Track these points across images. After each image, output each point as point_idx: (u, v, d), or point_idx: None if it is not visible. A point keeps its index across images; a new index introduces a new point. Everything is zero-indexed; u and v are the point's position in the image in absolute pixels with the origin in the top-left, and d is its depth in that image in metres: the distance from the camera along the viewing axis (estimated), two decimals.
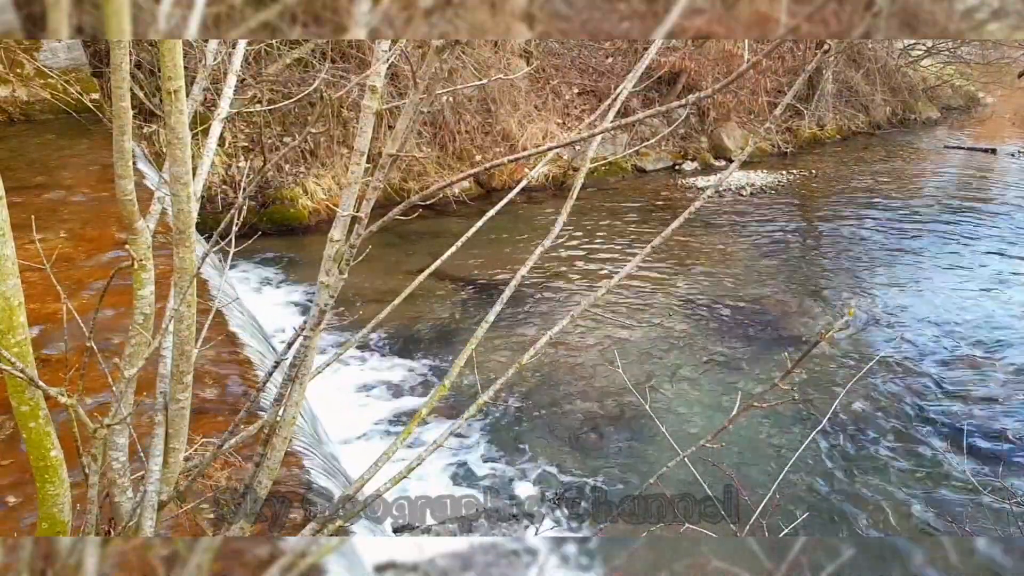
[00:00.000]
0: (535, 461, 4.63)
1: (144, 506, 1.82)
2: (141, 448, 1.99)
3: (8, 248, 1.56)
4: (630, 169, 12.41)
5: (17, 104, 7.94)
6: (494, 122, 10.92)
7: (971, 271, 7.96)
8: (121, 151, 1.64)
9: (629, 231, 9.40)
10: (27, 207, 5.10)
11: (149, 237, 1.83)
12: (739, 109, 13.81)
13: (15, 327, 1.60)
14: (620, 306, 6.93)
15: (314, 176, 9.22)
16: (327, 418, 4.42)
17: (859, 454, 4.71)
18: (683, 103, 1.64)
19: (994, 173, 12.76)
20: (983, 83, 19.54)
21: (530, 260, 2.12)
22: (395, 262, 7.64)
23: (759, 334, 6.40)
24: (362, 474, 1.94)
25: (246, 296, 6.42)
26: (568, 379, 5.60)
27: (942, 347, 6.19)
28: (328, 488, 2.91)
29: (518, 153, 2.28)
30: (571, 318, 2.08)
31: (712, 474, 3.17)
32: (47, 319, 3.60)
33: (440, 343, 6.16)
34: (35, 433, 1.68)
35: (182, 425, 1.88)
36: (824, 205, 10.84)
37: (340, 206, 1.68)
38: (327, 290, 1.73)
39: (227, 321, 4.09)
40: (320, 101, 9.02)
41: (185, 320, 1.79)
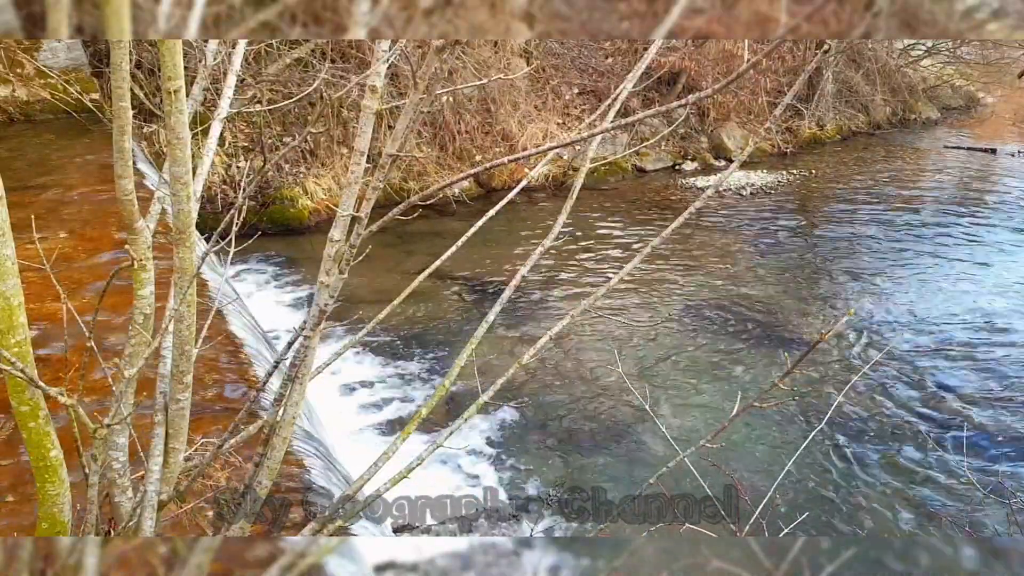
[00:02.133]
0: (535, 461, 4.63)
1: (144, 506, 1.82)
2: (141, 448, 1.99)
3: (8, 248, 1.56)
4: (630, 169, 12.41)
5: (17, 104, 7.94)
6: (494, 122, 10.92)
7: (971, 271, 7.96)
8: (121, 151, 1.64)
9: (629, 231, 9.40)
10: (27, 207, 5.10)
11: (149, 237, 1.83)
12: (739, 109, 13.81)
13: (15, 327, 1.60)
14: (620, 306, 6.93)
15: (314, 176, 9.23)
16: (327, 418, 4.42)
17: (859, 454, 4.71)
18: (683, 103, 1.64)
19: (994, 173, 12.76)
20: (983, 83, 19.53)
21: (530, 260, 2.12)
22: (395, 262, 7.64)
23: (759, 334, 6.40)
24: (362, 474, 1.94)
25: (246, 296, 6.42)
26: (568, 379, 5.60)
27: (942, 347, 6.19)
28: (328, 488, 2.91)
29: (518, 153, 2.28)
30: (571, 318, 2.08)
31: (712, 474, 3.16)
32: (47, 319, 3.59)
33: (440, 343, 6.16)
34: (35, 433, 1.68)
35: (182, 425, 1.88)
36: (824, 205, 10.84)
37: (340, 206, 1.68)
38: (327, 290, 1.73)
39: (227, 321, 4.09)
40: (320, 101, 9.02)
41: (185, 320, 1.79)
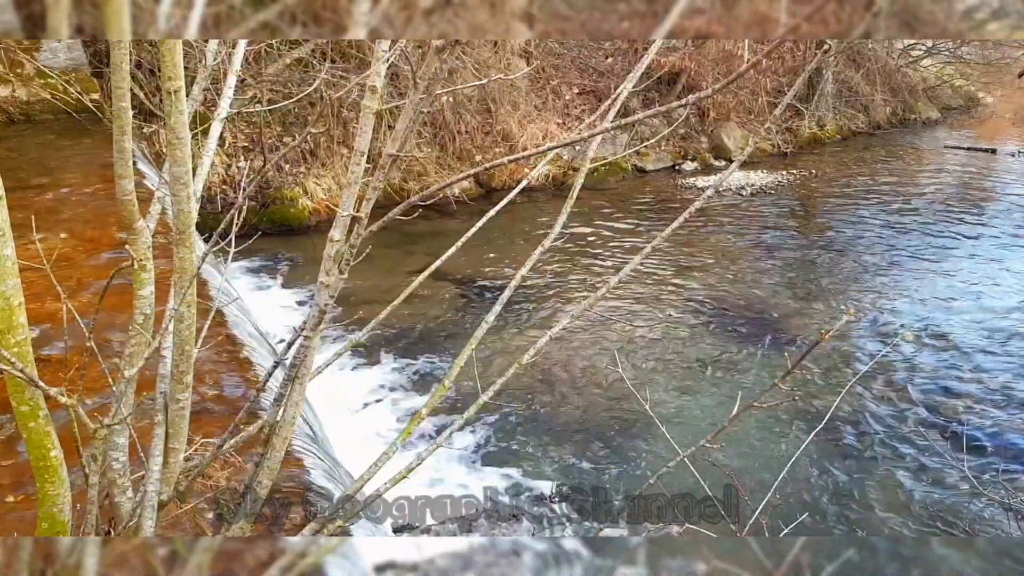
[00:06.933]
0: (535, 461, 4.63)
1: (144, 506, 1.82)
2: (141, 448, 1.99)
3: (8, 248, 1.56)
4: (630, 169, 12.40)
5: (17, 104, 7.93)
6: (494, 122, 10.91)
7: (971, 271, 7.96)
8: (121, 151, 1.64)
9: (629, 231, 9.40)
10: (27, 207, 5.10)
11: (149, 237, 1.83)
12: (739, 109, 13.80)
13: (15, 327, 1.60)
14: (620, 306, 6.93)
15: (314, 176, 9.22)
16: (327, 418, 4.42)
17: (859, 454, 4.71)
18: (683, 103, 1.64)
19: (994, 173, 12.76)
20: (983, 83, 19.52)
21: (530, 260, 2.12)
22: (395, 262, 7.63)
23: (759, 334, 6.40)
24: (362, 474, 1.94)
25: (246, 296, 6.42)
26: (568, 379, 5.60)
27: (941, 347, 6.19)
28: (328, 488, 2.91)
29: (518, 153, 2.28)
30: (571, 318, 2.08)
31: (712, 474, 3.16)
32: (47, 319, 3.59)
33: (440, 343, 6.16)
34: (35, 433, 1.68)
35: (182, 425, 1.88)
36: (824, 205, 10.84)
37: (340, 206, 1.68)
38: (327, 290, 1.73)
39: (227, 321, 4.08)
40: (320, 101, 9.02)
41: (185, 320, 1.79)
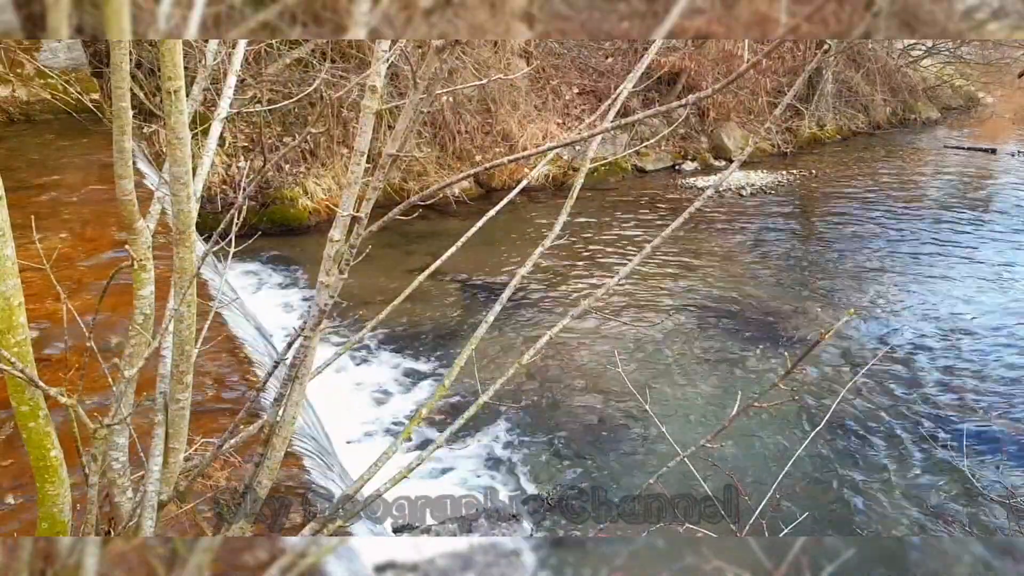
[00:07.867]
0: (535, 461, 4.63)
1: (144, 506, 1.82)
2: (141, 448, 1.99)
3: (8, 248, 1.56)
4: (630, 169, 12.40)
5: (17, 104, 7.93)
6: (494, 122, 10.91)
7: (971, 271, 7.96)
8: (121, 151, 1.64)
9: (629, 231, 9.40)
10: (27, 207, 5.10)
11: (149, 237, 1.83)
12: (739, 109, 13.80)
13: (15, 327, 1.60)
14: (620, 306, 6.92)
15: (314, 176, 9.22)
16: (327, 418, 4.42)
17: (859, 454, 4.71)
18: (683, 103, 1.64)
19: (994, 173, 12.76)
20: (983, 83, 19.53)
21: (530, 260, 2.12)
22: (395, 262, 7.63)
23: (759, 334, 6.40)
24: (362, 474, 1.94)
25: (246, 296, 6.42)
26: (568, 379, 5.60)
27: (942, 347, 6.19)
28: (328, 488, 2.91)
29: (518, 153, 2.28)
30: (571, 318, 2.08)
31: (712, 474, 3.16)
32: (47, 319, 3.59)
33: (440, 343, 6.16)
34: (35, 433, 1.67)
35: (182, 425, 1.88)
36: (824, 205, 10.84)
37: (340, 206, 1.67)
38: (327, 290, 1.73)
39: (227, 321, 4.08)
40: (320, 101, 9.01)
41: (185, 320, 1.79)
